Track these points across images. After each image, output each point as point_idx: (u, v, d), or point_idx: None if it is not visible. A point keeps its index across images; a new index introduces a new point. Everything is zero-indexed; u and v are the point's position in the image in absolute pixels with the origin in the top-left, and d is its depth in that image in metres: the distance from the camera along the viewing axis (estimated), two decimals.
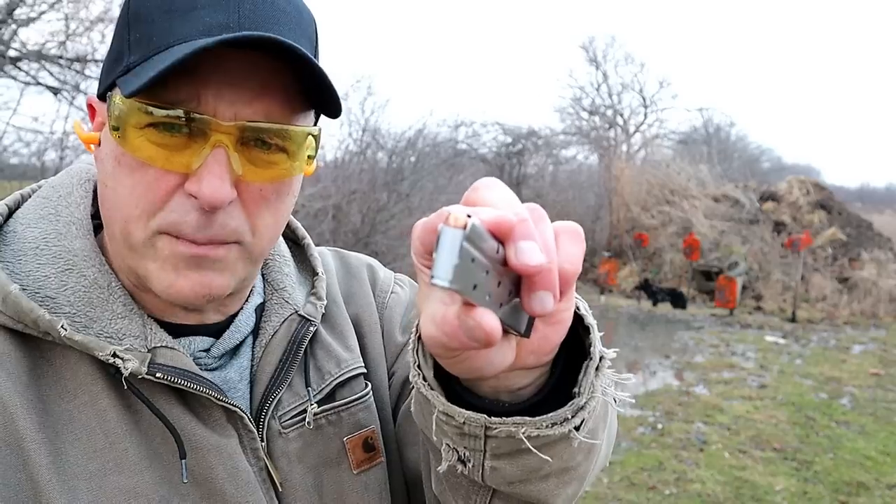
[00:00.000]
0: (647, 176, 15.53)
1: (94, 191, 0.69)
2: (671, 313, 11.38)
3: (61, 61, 6.53)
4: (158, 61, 0.54)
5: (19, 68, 5.92)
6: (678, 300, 11.78)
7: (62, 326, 0.59)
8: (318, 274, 0.79)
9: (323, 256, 0.84)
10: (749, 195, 14.46)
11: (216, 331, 0.69)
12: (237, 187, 0.59)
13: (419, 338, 0.54)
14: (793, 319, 10.89)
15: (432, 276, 0.38)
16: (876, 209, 23.09)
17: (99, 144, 0.63)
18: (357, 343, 0.79)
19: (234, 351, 0.71)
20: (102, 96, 0.62)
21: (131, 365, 0.59)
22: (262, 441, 0.67)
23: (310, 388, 0.71)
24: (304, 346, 0.72)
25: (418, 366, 0.54)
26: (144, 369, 0.60)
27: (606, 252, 14.05)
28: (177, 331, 0.66)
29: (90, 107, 0.65)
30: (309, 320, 0.73)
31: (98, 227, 0.68)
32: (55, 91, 6.75)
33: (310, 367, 0.73)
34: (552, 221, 0.47)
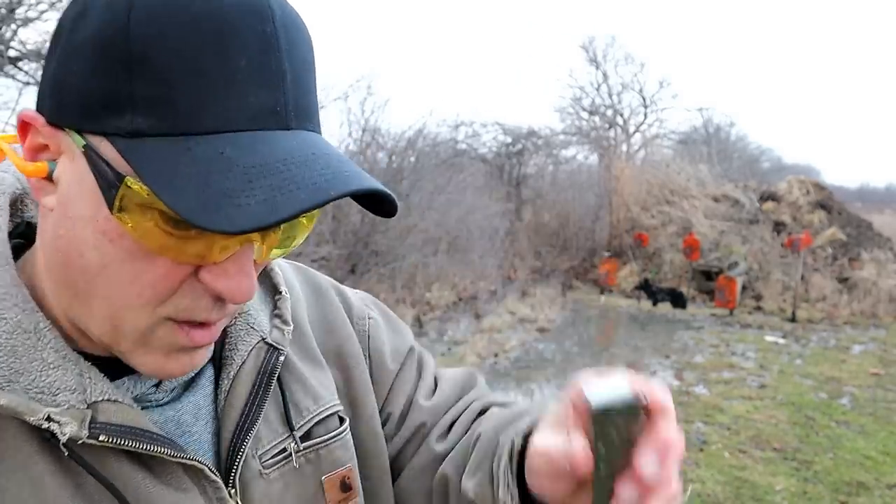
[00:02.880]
0: (647, 176, 15.53)
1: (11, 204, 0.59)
2: (671, 313, 11.38)
3: None
4: (202, 154, 0.44)
5: (19, 68, 5.91)
6: (678, 300, 11.78)
7: None
8: (280, 292, 0.69)
9: (284, 272, 0.73)
10: (749, 195, 14.46)
11: None
12: None
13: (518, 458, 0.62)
14: (793, 319, 10.89)
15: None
16: (876, 209, 23.09)
17: (49, 178, 0.50)
18: (333, 377, 0.73)
19: (189, 383, 0.62)
20: (55, 122, 0.49)
21: (69, 429, 0.50)
22: (232, 487, 0.60)
23: (291, 425, 0.65)
24: (275, 378, 0.64)
25: (507, 485, 0.61)
26: (85, 433, 0.50)
27: (606, 252, 14.05)
28: (117, 368, 0.56)
29: (24, 124, 0.50)
30: (278, 349, 0.65)
31: (15, 249, 0.57)
32: None
33: (288, 402, 0.66)
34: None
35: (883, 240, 13.84)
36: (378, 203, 0.51)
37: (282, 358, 0.65)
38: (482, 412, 0.79)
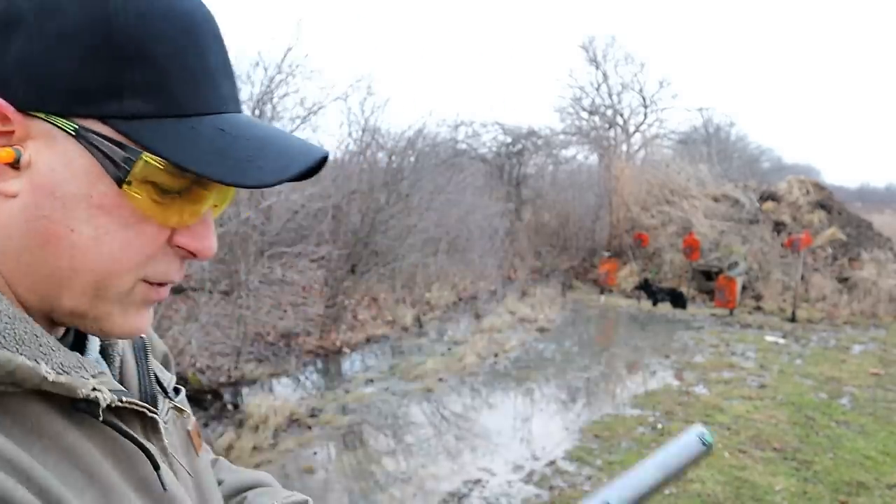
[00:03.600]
0: (647, 176, 15.52)
1: None
2: (671, 313, 11.38)
3: None
4: (205, 131, 0.53)
5: None
6: (678, 300, 11.78)
7: (47, 371, 0.52)
8: None
9: None
10: (749, 195, 14.46)
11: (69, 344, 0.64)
12: None
13: None
14: (793, 319, 10.89)
15: None
16: (876, 209, 23.07)
17: (15, 165, 0.52)
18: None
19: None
20: (26, 109, 0.52)
21: (109, 396, 0.55)
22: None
23: (164, 388, 0.72)
24: (148, 351, 0.72)
25: None
26: (115, 398, 0.56)
27: (606, 252, 14.05)
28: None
29: None
30: None
31: None
32: None
33: (155, 369, 0.72)
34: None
35: (883, 240, 13.84)
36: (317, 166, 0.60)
37: (144, 336, 0.71)
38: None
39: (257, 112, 7.82)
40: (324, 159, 0.57)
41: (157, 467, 0.60)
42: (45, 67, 0.51)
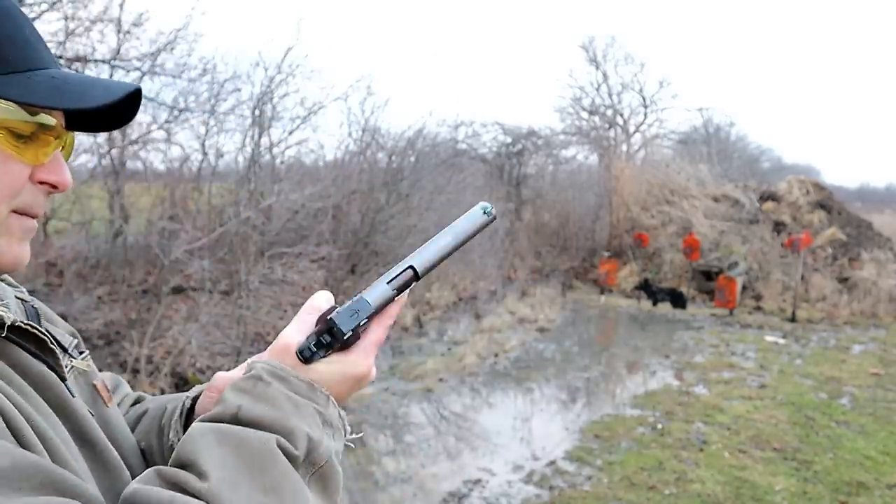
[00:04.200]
0: (647, 176, 15.52)
1: None
2: (671, 313, 11.38)
3: (61, 61, 6.51)
4: (39, 80, 0.68)
5: None
6: (678, 300, 11.77)
7: None
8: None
9: None
10: (749, 195, 14.45)
11: None
12: None
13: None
14: (793, 319, 10.89)
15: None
16: (876, 209, 23.04)
17: None
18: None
19: None
20: None
21: (11, 316, 0.67)
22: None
23: (64, 347, 0.80)
24: (40, 315, 0.81)
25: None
26: (17, 319, 0.68)
27: (606, 252, 14.04)
28: None
29: None
30: (25, 300, 0.81)
31: None
32: None
33: (49, 329, 0.80)
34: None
35: (883, 240, 13.84)
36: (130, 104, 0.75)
37: (34, 305, 0.82)
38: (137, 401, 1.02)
39: (257, 112, 7.82)
40: (138, 91, 0.73)
41: (63, 379, 0.71)
42: None
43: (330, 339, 0.70)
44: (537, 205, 16.76)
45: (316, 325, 0.73)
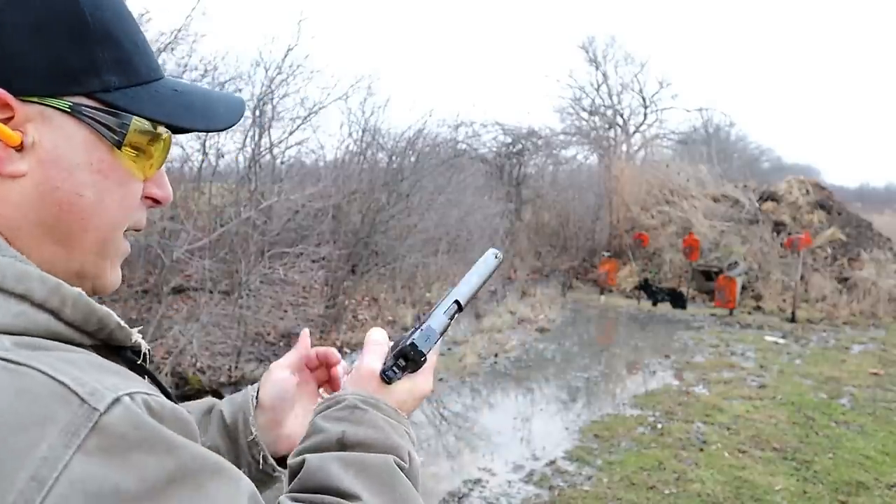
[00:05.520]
0: (646, 176, 15.53)
1: None
2: (671, 313, 11.39)
3: None
4: (165, 93, 0.64)
5: None
6: (678, 300, 11.78)
7: (118, 320, 0.61)
8: None
9: None
10: (749, 195, 14.45)
11: None
12: None
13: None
14: (792, 319, 10.89)
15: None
16: (876, 209, 23.01)
17: (20, 147, 0.57)
18: None
19: None
20: (18, 95, 0.57)
21: (146, 345, 0.66)
22: None
23: None
24: None
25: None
26: (147, 346, 0.66)
27: (606, 252, 14.05)
28: None
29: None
30: None
31: None
32: None
33: None
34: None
35: (883, 240, 13.85)
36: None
37: None
38: None
39: (258, 112, 7.82)
40: (243, 103, 0.72)
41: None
42: (30, 56, 0.57)
43: (405, 362, 0.80)
44: (537, 205, 16.76)
45: (392, 352, 0.82)
